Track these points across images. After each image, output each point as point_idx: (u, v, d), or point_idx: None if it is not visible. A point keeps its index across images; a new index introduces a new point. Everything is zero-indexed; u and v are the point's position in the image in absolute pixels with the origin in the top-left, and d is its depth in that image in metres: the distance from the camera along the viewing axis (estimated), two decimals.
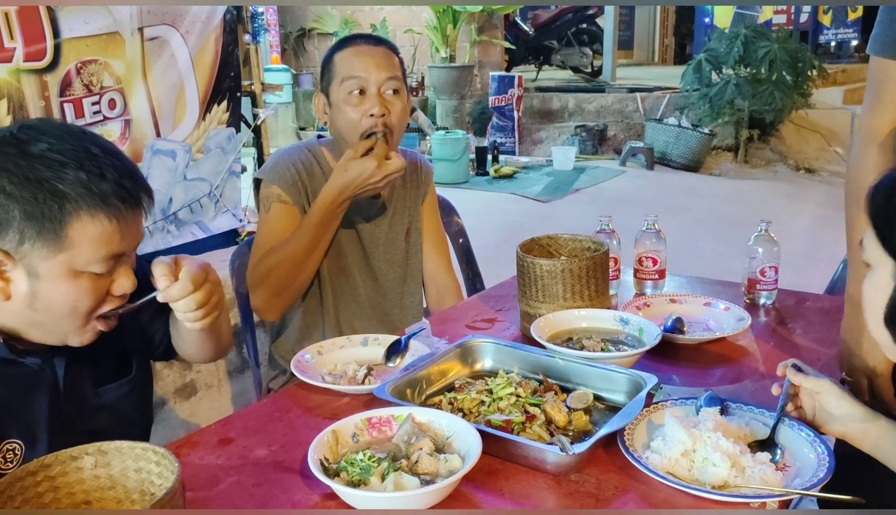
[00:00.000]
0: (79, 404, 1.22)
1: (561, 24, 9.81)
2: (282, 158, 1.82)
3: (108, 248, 1.08)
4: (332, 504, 1.05)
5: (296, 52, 9.40)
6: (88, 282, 1.09)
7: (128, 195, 1.08)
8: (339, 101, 1.73)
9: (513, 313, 1.77)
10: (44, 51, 2.36)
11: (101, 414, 1.24)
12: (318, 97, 1.81)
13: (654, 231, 1.88)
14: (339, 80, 1.73)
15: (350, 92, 1.71)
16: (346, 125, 1.73)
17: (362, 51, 1.74)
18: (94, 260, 1.08)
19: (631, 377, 1.30)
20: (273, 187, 1.77)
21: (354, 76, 1.71)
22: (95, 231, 1.06)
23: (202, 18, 2.78)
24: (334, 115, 1.76)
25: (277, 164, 1.81)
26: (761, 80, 7.10)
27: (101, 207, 1.06)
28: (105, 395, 1.25)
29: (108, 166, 1.06)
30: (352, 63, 1.72)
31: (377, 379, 1.40)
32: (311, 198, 1.77)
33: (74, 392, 1.21)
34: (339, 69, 1.73)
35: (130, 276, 1.14)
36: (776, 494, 1.02)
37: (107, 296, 1.13)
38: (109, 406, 1.25)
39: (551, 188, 6.66)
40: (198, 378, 2.66)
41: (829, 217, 6.02)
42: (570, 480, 1.09)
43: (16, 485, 0.96)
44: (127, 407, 1.28)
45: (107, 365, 1.25)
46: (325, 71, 1.78)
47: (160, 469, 1.02)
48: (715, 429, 1.12)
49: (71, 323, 1.12)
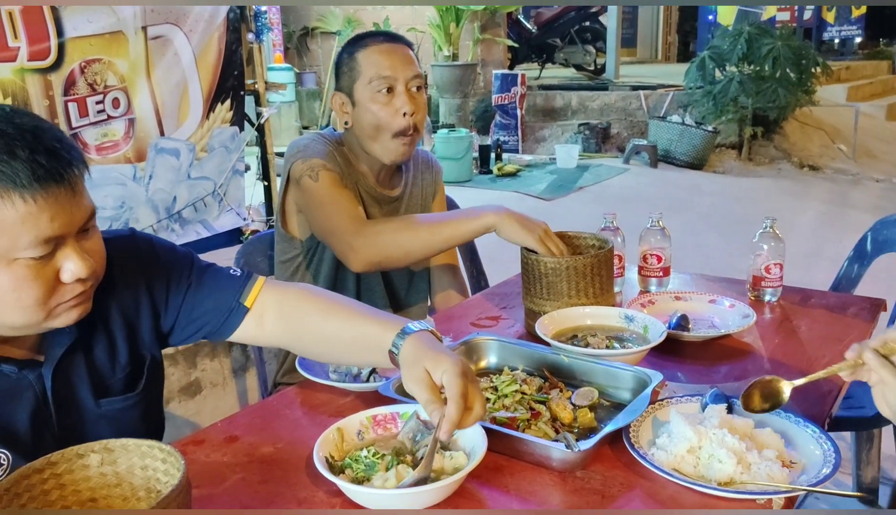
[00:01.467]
0: (75, 416, 1.19)
1: (564, 21, 9.81)
2: (311, 142, 1.81)
3: (36, 232, 1.00)
4: (337, 501, 1.05)
5: (299, 51, 9.41)
6: (26, 270, 1.02)
7: (44, 172, 0.99)
8: (365, 100, 1.73)
9: (517, 311, 1.77)
10: (48, 50, 2.36)
11: (102, 425, 1.21)
12: (338, 97, 1.80)
13: (659, 228, 1.87)
14: (366, 79, 1.72)
15: (379, 90, 1.71)
16: (377, 124, 1.74)
17: (387, 49, 1.74)
18: (23, 246, 1.00)
19: (636, 374, 1.30)
20: (314, 159, 1.74)
21: (384, 75, 1.71)
22: (13, 214, 0.98)
23: (205, 17, 2.78)
24: (360, 115, 1.76)
25: (310, 145, 1.79)
26: (765, 77, 7.09)
27: (13, 188, 0.98)
28: (107, 407, 1.21)
29: (19, 145, 0.98)
30: (379, 62, 1.72)
31: (382, 377, 1.40)
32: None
33: (67, 403, 1.17)
34: (366, 68, 1.73)
35: (80, 260, 1.05)
36: (782, 490, 1.02)
37: (59, 283, 1.06)
38: (112, 417, 1.22)
39: (555, 186, 6.66)
40: (203, 376, 2.66)
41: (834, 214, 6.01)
42: (575, 477, 1.09)
43: (22, 483, 0.96)
44: (132, 420, 1.25)
45: (111, 377, 1.22)
46: (346, 69, 1.76)
47: (166, 466, 1.02)
48: (721, 426, 1.12)
49: (27, 313, 1.05)
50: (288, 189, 1.80)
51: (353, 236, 1.65)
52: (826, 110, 8.30)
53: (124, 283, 1.22)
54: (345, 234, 1.66)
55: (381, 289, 1.92)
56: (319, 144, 1.79)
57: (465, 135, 6.91)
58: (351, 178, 1.81)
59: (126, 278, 1.22)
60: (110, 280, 1.19)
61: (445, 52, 8.28)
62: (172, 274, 1.27)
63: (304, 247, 1.86)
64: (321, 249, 1.84)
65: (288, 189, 1.80)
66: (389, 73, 1.71)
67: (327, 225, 1.70)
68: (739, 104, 7.32)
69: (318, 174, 1.72)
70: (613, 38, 9.81)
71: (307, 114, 8.88)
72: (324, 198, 1.71)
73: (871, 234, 2.17)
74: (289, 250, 1.88)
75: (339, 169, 1.77)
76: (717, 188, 6.84)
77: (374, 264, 1.67)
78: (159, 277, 1.26)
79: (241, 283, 1.29)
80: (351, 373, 1.43)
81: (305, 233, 1.84)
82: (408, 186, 1.94)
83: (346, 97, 1.78)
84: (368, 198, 1.84)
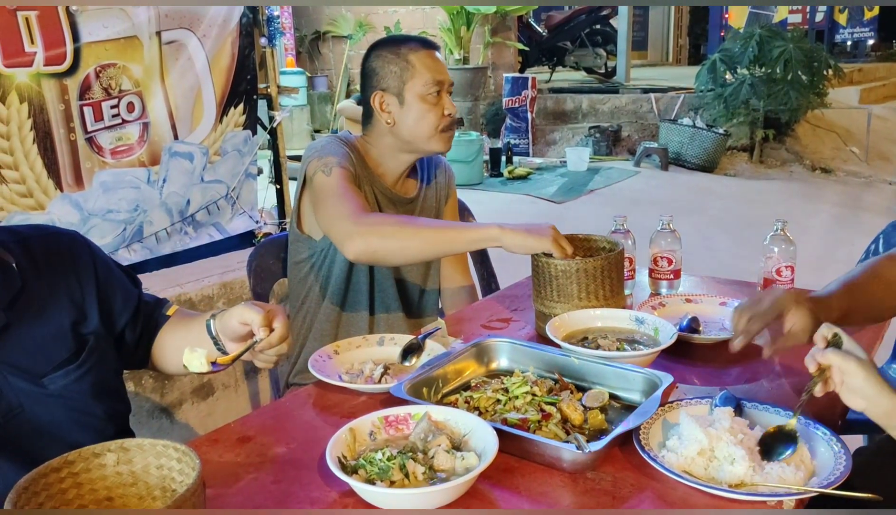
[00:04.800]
0: (16, 397, 1.22)
1: (574, 25, 9.80)
2: (329, 142, 1.86)
3: None
4: (349, 501, 1.06)
5: (310, 55, 9.45)
6: None
7: None
8: (417, 100, 1.81)
9: (528, 313, 1.78)
10: (64, 55, 2.39)
11: (51, 405, 1.25)
12: (381, 95, 1.83)
13: (669, 231, 1.88)
14: (421, 80, 1.81)
15: (430, 92, 1.81)
16: (425, 123, 1.82)
17: (435, 56, 1.86)
18: None
19: (647, 376, 1.31)
20: (330, 157, 1.78)
21: (438, 80, 1.82)
22: None
23: (219, 22, 2.81)
24: (407, 113, 1.82)
25: (327, 145, 1.84)
26: (776, 79, 7.06)
27: None
28: (51, 385, 1.25)
29: None
30: (433, 67, 1.83)
31: (393, 378, 1.41)
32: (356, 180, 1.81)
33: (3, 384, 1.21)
34: (420, 70, 1.81)
35: None
36: (793, 492, 1.02)
37: None
38: (59, 395, 1.25)
39: (565, 189, 6.65)
40: (215, 378, 2.68)
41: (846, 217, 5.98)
42: (586, 478, 1.10)
43: (40, 482, 0.98)
44: (82, 396, 1.28)
45: (45, 353, 1.25)
46: (396, 70, 1.81)
47: (181, 466, 1.03)
48: (731, 428, 1.12)
49: None
50: (304, 189, 1.83)
51: (352, 222, 1.64)
52: (838, 112, 8.25)
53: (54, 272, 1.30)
54: (345, 220, 1.65)
55: (394, 293, 1.93)
56: (336, 145, 1.83)
57: (475, 139, 6.91)
58: (366, 180, 1.84)
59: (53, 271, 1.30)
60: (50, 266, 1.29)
61: (456, 56, 8.29)
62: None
63: (318, 247, 1.88)
64: (334, 250, 1.86)
65: (304, 189, 1.83)
66: (441, 78, 1.83)
67: (331, 212, 1.70)
68: (751, 107, 7.29)
69: (332, 170, 1.75)
70: (624, 40, 9.79)
71: (319, 117, 8.91)
72: (334, 189, 1.72)
73: (884, 237, 2.16)
74: (302, 251, 1.90)
75: (353, 168, 1.80)
76: (729, 191, 6.82)
77: (370, 253, 1.63)
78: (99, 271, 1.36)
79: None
80: (363, 374, 1.44)
81: (319, 233, 1.86)
82: (422, 189, 1.98)
83: (392, 96, 1.82)
84: (384, 199, 1.87)
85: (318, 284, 1.90)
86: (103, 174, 2.55)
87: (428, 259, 1.89)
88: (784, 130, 7.76)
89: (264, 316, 1.23)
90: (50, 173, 2.42)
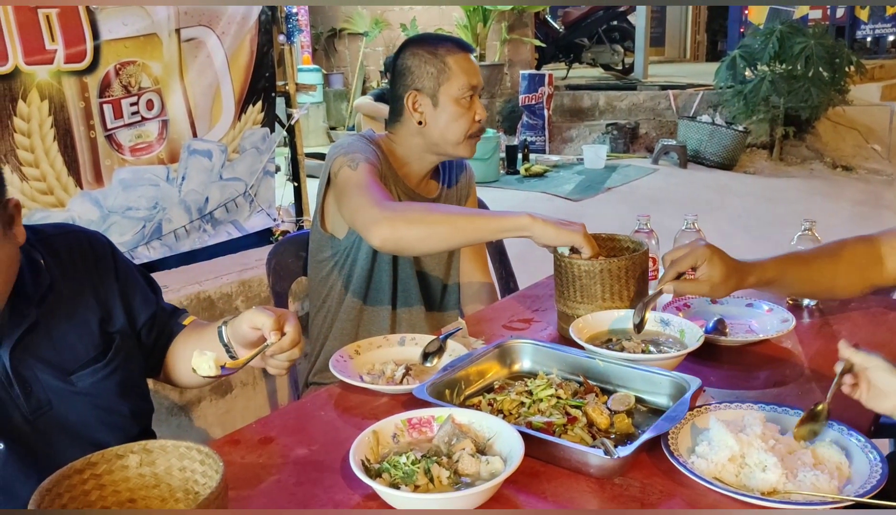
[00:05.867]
0: (44, 394, 1.23)
1: (592, 21, 9.75)
2: (355, 139, 1.84)
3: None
4: (373, 504, 1.05)
5: (326, 53, 9.46)
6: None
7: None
8: (451, 102, 1.81)
9: (549, 313, 1.76)
10: (84, 52, 2.39)
11: (78, 402, 1.26)
12: (415, 95, 1.82)
13: (694, 230, 1.85)
14: (457, 84, 1.80)
15: (465, 96, 1.81)
16: (456, 127, 1.82)
17: (471, 59, 1.85)
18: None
19: (674, 379, 1.28)
20: (356, 154, 1.75)
21: (473, 84, 1.82)
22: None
23: (238, 19, 2.80)
24: (439, 116, 1.81)
25: (353, 143, 1.82)
26: (797, 76, 6.98)
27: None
28: (79, 382, 1.26)
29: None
30: (470, 70, 1.82)
31: (415, 379, 1.39)
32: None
33: (29, 379, 1.21)
34: (456, 73, 1.80)
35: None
36: (828, 501, 0.99)
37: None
38: (87, 393, 1.26)
39: (582, 187, 6.61)
40: (233, 376, 2.68)
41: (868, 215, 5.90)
42: (613, 484, 1.08)
43: (63, 483, 0.97)
44: (108, 394, 1.29)
45: (75, 351, 1.26)
46: (433, 71, 1.80)
47: (204, 468, 1.02)
48: (762, 434, 1.10)
49: None
50: (328, 187, 1.80)
51: (379, 208, 1.59)
52: (859, 109, 8.15)
53: (77, 271, 1.31)
54: (372, 207, 1.61)
55: (416, 288, 1.92)
56: (362, 143, 1.82)
57: (492, 136, 6.89)
58: (390, 178, 1.83)
59: (77, 271, 1.31)
60: (74, 266, 1.30)
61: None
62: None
63: (341, 246, 1.87)
64: (356, 249, 1.85)
65: (328, 187, 1.80)
66: (476, 83, 1.83)
67: (357, 201, 1.66)
68: (771, 104, 7.21)
69: (358, 164, 1.72)
70: (642, 37, 9.71)
71: (335, 114, 8.92)
72: (360, 181, 1.69)
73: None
74: (325, 249, 1.89)
75: (380, 165, 1.79)
76: (748, 189, 6.75)
77: (395, 239, 1.57)
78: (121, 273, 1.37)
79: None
80: (384, 375, 1.43)
81: (343, 231, 1.85)
82: (443, 189, 1.99)
83: (426, 97, 1.81)
84: (406, 198, 1.87)
85: (341, 282, 1.89)
86: (123, 171, 2.55)
87: (454, 246, 1.87)
88: (804, 127, 7.67)
89: (275, 319, 1.21)
90: (70, 171, 2.43)
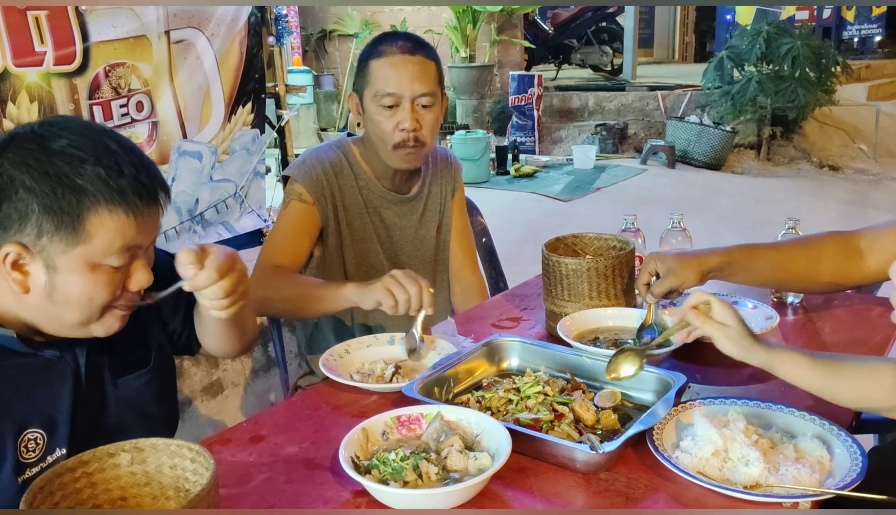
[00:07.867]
0: (100, 395, 1.24)
1: (581, 22, 9.78)
2: (310, 156, 1.84)
3: (125, 242, 1.10)
4: (362, 501, 1.06)
5: (317, 54, 9.44)
6: (105, 275, 1.11)
7: (144, 190, 1.10)
8: (371, 110, 1.73)
9: (538, 312, 1.77)
10: (73, 54, 2.40)
11: (121, 407, 1.27)
12: (354, 98, 1.81)
13: (680, 229, 1.87)
14: (372, 91, 1.72)
15: (382, 105, 1.71)
16: (378, 135, 1.75)
17: (398, 62, 1.70)
18: (111, 254, 1.10)
19: (659, 376, 1.30)
20: (297, 185, 1.78)
21: (389, 93, 1.69)
22: (113, 225, 1.08)
23: (227, 21, 2.81)
24: (366, 121, 1.77)
25: (305, 162, 1.82)
26: (784, 76, 7.03)
27: (119, 202, 1.08)
28: (123, 386, 1.27)
29: (125, 162, 1.09)
30: (387, 76, 1.69)
31: (405, 378, 1.41)
32: (337, 195, 1.80)
33: (95, 382, 1.23)
34: (374, 79, 1.71)
35: (147, 271, 1.15)
36: (809, 494, 1.01)
37: (123, 291, 1.15)
38: (128, 398, 1.27)
39: (572, 187, 6.64)
40: (224, 376, 2.69)
41: (854, 214, 5.95)
42: (599, 479, 1.10)
43: (55, 481, 0.98)
44: (147, 400, 1.30)
45: (126, 356, 1.28)
46: (360, 73, 1.77)
47: (195, 466, 1.03)
48: (745, 429, 1.12)
49: (87, 315, 1.13)
50: None
51: (260, 269, 1.72)
52: (846, 110, 8.21)
53: None
54: (260, 263, 1.73)
55: None
56: (316, 163, 1.80)
57: (481, 137, 6.90)
58: (353, 189, 1.83)
59: None
60: None
61: (462, 54, 8.28)
62: None
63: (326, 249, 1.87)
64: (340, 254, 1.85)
65: None
66: (395, 90, 1.69)
67: (263, 246, 1.79)
68: (758, 104, 7.26)
69: (290, 203, 1.78)
70: (630, 38, 9.75)
71: (325, 116, 8.91)
72: (278, 224, 1.79)
73: None
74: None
75: (323, 193, 1.78)
76: (736, 189, 6.79)
77: (255, 300, 1.49)
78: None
79: None
80: (374, 374, 1.44)
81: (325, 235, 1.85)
82: (425, 185, 1.95)
83: (358, 100, 1.80)
84: (381, 201, 1.86)
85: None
86: None
87: (314, 314, 1.77)
88: (791, 128, 7.72)
89: (195, 253, 1.11)
90: None
